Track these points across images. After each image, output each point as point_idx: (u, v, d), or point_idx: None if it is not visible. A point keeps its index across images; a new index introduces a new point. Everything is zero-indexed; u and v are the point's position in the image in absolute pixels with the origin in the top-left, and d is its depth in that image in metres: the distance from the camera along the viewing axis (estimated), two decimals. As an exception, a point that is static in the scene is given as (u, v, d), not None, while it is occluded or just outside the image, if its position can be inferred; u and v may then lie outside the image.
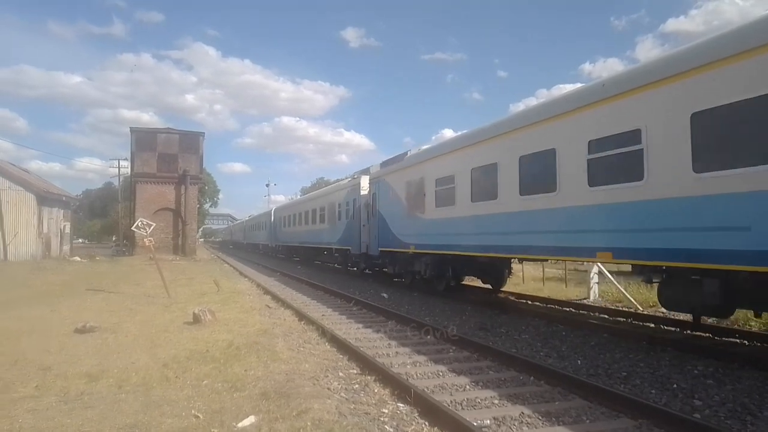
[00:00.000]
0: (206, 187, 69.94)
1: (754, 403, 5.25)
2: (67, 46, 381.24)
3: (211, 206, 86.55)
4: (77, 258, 32.49)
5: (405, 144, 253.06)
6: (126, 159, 46.59)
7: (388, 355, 7.53)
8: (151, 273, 19.69)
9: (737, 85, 5.97)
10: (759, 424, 4.77)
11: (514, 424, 4.79)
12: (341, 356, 7.34)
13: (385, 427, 4.67)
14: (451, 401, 5.35)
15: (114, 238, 60.65)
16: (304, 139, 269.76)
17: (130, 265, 28.12)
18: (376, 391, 5.71)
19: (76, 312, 11.08)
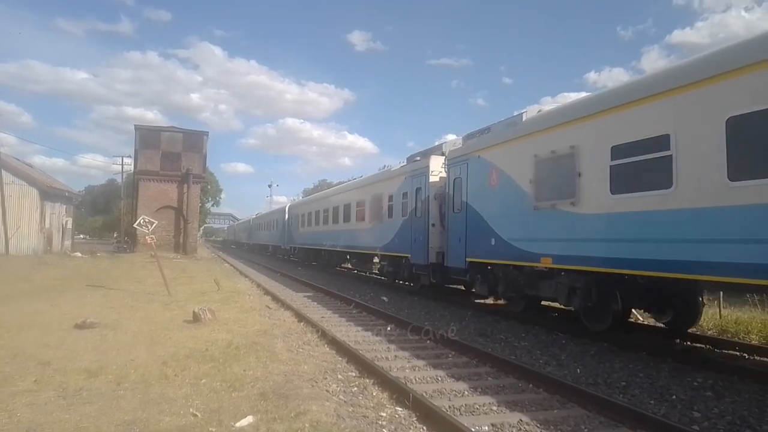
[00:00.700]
0: (209, 187, 70.02)
1: (753, 417, 5.23)
2: (74, 42, 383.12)
3: (213, 205, 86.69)
4: (78, 254, 32.52)
5: (409, 148, 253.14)
6: (129, 156, 46.97)
7: (387, 358, 7.52)
8: (152, 270, 19.70)
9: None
10: (758, 437, 4.75)
11: (512, 431, 4.78)
12: (340, 358, 7.34)
13: (383, 430, 4.67)
14: (449, 406, 5.35)
15: (115, 235, 60.70)
16: (307, 140, 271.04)
17: (131, 262, 28.14)
18: (374, 394, 5.71)
19: (77, 307, 11.08)
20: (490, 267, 11.68)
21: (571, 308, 9.65)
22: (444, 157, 14.39)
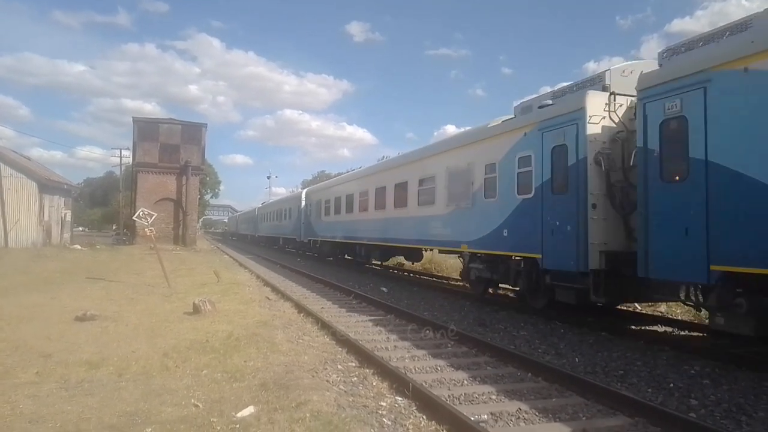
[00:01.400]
0: (207, 178, 69.94)
1: (749, 404, 5.28)
2: (71, 35, 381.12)
3: (212, 197, 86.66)
4: (77, 246, 32.55)
5: (408, 139, 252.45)
6: (127, 148, 46.74)
7: (386, 348, 7.57)
8: (152, 262, 19.73)
9: None
10: (754, 424, 4.80)
11: (511, 420, 4.83)
12: (340, 349, 7.38)
13: (383, 420, 4.71)
14: (448, 396, 5.39)
15: (114, 227, 60.67)
16: (306, 132, 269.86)
17: (130, 254, 28.18)
18: (374, 384, 5.75)
19: (77, 300, 11.12)
20: None
21: None
22: (610, 93, 8.58)
